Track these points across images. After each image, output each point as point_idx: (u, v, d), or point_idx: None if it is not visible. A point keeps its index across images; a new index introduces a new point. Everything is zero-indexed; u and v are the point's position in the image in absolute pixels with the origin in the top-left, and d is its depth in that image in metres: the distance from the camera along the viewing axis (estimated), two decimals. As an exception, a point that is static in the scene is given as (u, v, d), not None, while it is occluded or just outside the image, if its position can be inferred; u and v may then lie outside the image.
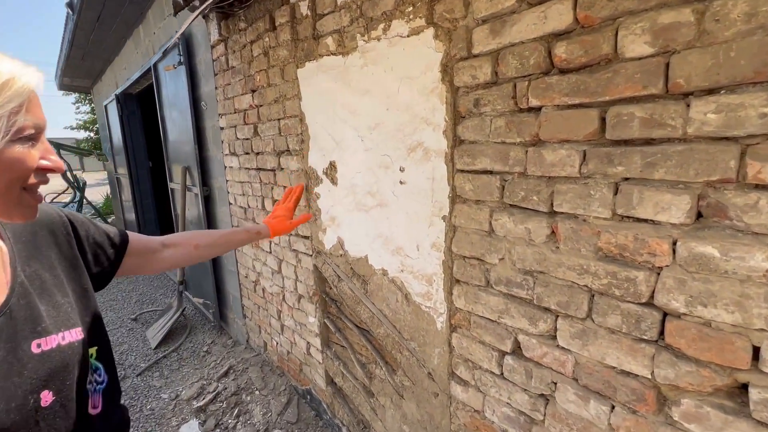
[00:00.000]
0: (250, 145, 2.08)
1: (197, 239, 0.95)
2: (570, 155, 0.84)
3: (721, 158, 0.65)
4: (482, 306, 1.08)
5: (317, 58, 1.49)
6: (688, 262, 0.70)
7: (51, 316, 0.59)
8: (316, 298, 1.81)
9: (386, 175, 1.31)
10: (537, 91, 0.87)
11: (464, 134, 1.05)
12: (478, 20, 0.97)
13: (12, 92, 0.48)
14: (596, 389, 0.87)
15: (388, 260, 1.38)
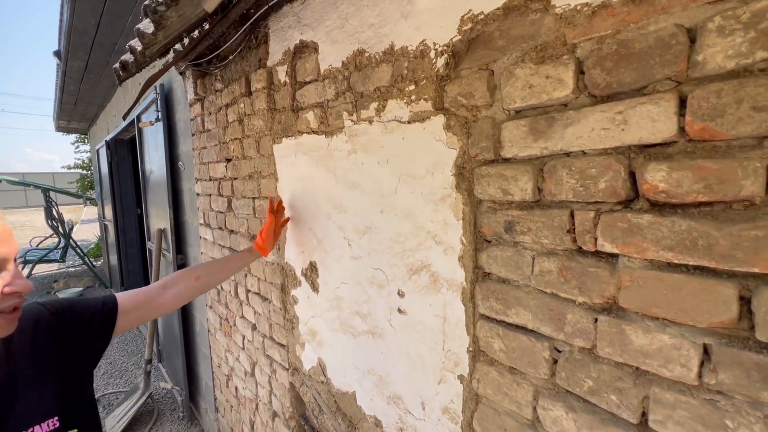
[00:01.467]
0: (224, 220, 1.77)
1: (197, 271, 1.03)
2: (680, 347, 0.50)
3: None
4: None
5: (296, 135, 1.20)
6: None
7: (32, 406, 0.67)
8: (294, 423, 1.43)
9: (380, 296, 0.98)
10: (611, 231, 0.55)
11: (491, 267, 0.72)
12: (510, 111, 0.67)
13: None
14: None
15: (382, 408, 1.02)
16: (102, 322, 0.83)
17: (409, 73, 0.83)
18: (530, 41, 0.63)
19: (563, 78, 0.59)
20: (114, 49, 3.05)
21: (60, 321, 0.77)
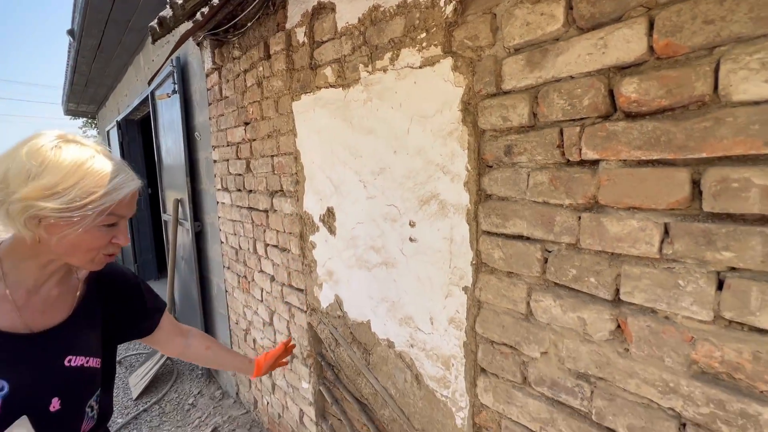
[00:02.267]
0: (243, 181, 1.88)
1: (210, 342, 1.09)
2: (645, 228, 0.61)
3: None
4: (517, 409, 0.83)
5: (314, 91, 1.31)
6: None
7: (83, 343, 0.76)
8: (311, 360, 1.56)
9: (393, 229, 1.09)
10: (594, 140, 0.66)
11: (492, 188, 0.83)
12: (510, 49, 0.77)
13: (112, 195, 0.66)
14: None
15: (394, 330, 1.14)
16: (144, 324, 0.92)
17: (420, 22, 0.94)
18: (528, -17, 0.73)
19: (555, 13, 0.69)
20: (127, 27, 3.14)
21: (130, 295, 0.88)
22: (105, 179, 0.66)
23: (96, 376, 0.78)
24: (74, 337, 0.75)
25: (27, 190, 0.61)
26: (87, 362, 0.75)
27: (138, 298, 0.90)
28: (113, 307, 0.85)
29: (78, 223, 0.64)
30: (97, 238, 0.68)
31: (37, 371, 0.69)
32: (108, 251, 0.71)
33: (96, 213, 0.65)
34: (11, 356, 0.67)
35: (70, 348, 0.73)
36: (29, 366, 0.68)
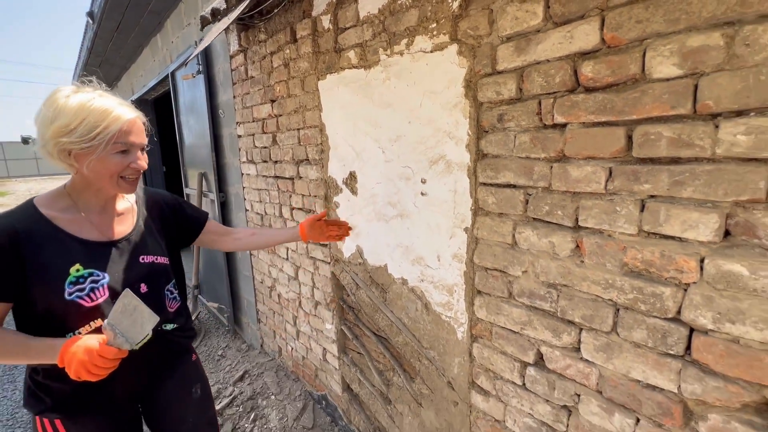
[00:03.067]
0: (269, 153, 2.12)
1: (254, 230, 1.38)
2: (595, 172, 0.85)
3: (751, 179, 0.66)
4: (504, 317, 1.10)
5: (339, 71, 1.53)
6: (716, 279, 0.71)
7: (151, 246, 1.03)
8: (334, 305, 1.84)
9: (407, 186, 1.34)
10: (562, 108, 0.89)
11: (487, 148, 1.07)
12: (503, 38, 0.99)
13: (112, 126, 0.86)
14: (621, 402, 0.88)
15: (408, 270, 1.41)
16: (192, 228, 1.21)
17: (432, 14, 1.15)
18: (516, -13, 0.94)
19: (536, 11, 0.91)
20: (147, 9, 3.29)
21: (174, 208, 1.16)
22: (105, 114, 0.85)
23: (166, 269, 1.05)
24: (141, 242, 1.01)
25: (50, 132, 0.83)
26: (156, 260, 1.02)
27: (180, 211, 1.17)
28: (165, 221, 1.11)
29: (94, 152, 0.86)
30: (114, 164, 0.88)
31: (122, 266, 0.95)
32: (126, 174, 0.91)
33: (104, 142, 0.85)
34: (102, 257, 0.93)
35: (140, 250, 1.00)
36: (116, 263, 0.94)
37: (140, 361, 0.95)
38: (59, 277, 0.86)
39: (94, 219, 0.96)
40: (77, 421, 0.94)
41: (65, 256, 0.89)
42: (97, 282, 0.90)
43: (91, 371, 0.78)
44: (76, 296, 0.87)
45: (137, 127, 0.92)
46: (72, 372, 0.78)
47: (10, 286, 0.83)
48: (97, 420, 0.96)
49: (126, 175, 0.92)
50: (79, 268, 0.89)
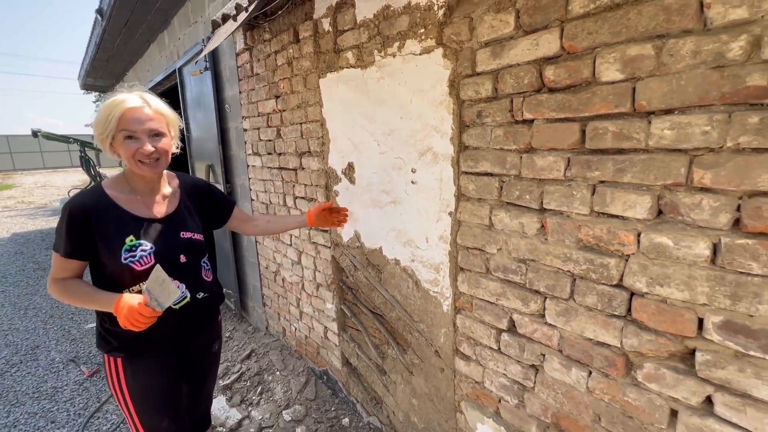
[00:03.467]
0: (273, 146, 2.26)
1: (268, 218, 1.57)
2: (557, 161, 1.00)
3: (674, 166, 0.80)
4: (483, 290, 1.24)
5: (338, 70, 1.66)
6: (649, 250, 0.85)
7: (190, 224, 1.22)
8: (334, 286, 1.99)
9: (399, 175, 1.48)
10: (530, 106, 1.03)
11: (468, 141, 1.21)
12: (481, 43, 1.13)
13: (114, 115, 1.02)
14: (577, 358, 1.03)
15: (400, 251, 1.55)
16: (222, 212, 1.41)
17: (420, 21, 1.28)
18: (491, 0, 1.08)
19: (509, 21, 1.05)
20: (155, 7, 3.42)
21: (208, 194, 1.36)
22: (111, 105, 1.02)
23: (202, 245, 1.25)
24: (182, 220, 1.21)
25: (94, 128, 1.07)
26: (193, 236, 1.22)
27: (213, 197, 1.38)
28: (201, 205, 1.31)
29: (113, 141, 1.05)
30: (125, 149, 1.04)
31: (167, 239, 1.14)
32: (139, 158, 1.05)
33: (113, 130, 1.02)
34: (151, 231, 1.13)
35: (181, 227, 1.19)
36: (162, 237, 1.13)
37: (181, 318, 1.18)
38: (117, 246, 1.06)
39: (146, 200, 1.16)
40: (134, 360, 1.16)
41: (122, 229, 1.08)
42: (146, 251, 1.10)
43: (132, 324, 0.97)
44: (129, 261, 1.07)
45: (140, 115, 1.03)
46: (120, 322, 0.99)
47: (84, 248, 1.07)
48: (147, 360, 1.17)
49: (139, 158, 1.06)
50: (132, 239, 1.09)
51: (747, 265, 0.73)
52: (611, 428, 0.99)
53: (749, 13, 0.69)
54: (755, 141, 0.70)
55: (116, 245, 1.06)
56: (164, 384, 1.20)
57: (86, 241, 1.05)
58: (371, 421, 1.95)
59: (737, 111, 0.72)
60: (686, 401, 0.84)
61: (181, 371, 1.27)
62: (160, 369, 1.19)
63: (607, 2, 0.86)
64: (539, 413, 1.15)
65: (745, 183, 0.72)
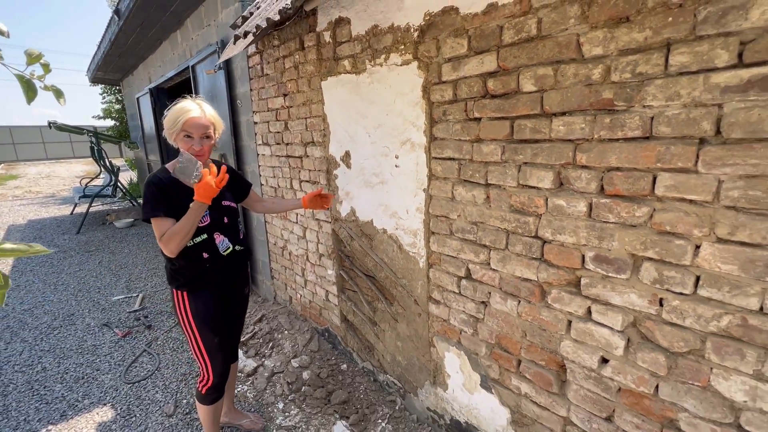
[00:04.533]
0: (281, 137, 2.63)
1: (274, 199, 2.03)
2: (496, 148, 1.37)
3: (566, 151, 1.18)
4: (447, 248, 1.63)
5: (337, 75, 2.03)
6: (552, 210, 1.24)
7: (228, 196, 1.65)
8: (334, 255, 2.38)
9: (386, 161, 1.86)
10: (478, 108, 1.40)
11: (437, 133, 1.58)
12: (445, 59, 1.49)
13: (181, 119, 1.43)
14: (511, 292, 1.42)
15: (387, 222, 1.94)
16: (243, 190, 1.83)
17: (401, 39, 1.65)
18: (452, 27, 1.44)
19: (463, 44, 1.41)
20: (170, 10, 3.74)
21: (235, 175, 1.78)
22: (179, 112, 1.43)
23: (237, 211, 1.70)
24: (222, 193, 1.62)
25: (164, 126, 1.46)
26: (231, 204, 1.66)
27: (238, 178, 1.81)
28: (232, 182, 1.73)
29: (177, 137, 1.44)
30: (184, 144, 1.45)
31: (215, 206, 1.57)
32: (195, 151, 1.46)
33: (177, 131, 1.43)
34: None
35: (223, 197, 1.63)
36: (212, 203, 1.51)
37: (226, 264, 1.61)
38: (183, 210, 1.44)
39: None
40: (194, 293, 1.57)
41: (187, 197, 1.46)
42: (205, 213, 1.51)
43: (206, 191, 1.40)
44: None
45: (197, 121, 1.45)
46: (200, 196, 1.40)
47: (169, 209, 1.43)
48: (203, 293, 1.58)
49: (195, 149, 1.47)
50: None
51: (606, 216, 1.11)
52: (533, 340, 1.38)
53: (603, 51, 1.06)
54: (608, 134, 1.08)
55: (184, 209, 1.43)
56: (215, 311, 1.60)
57: (168, 204, 1.43)
58: (365, 365, 2.35)
59: (599, 114, 1.09)
60: (576, 313, 1.23)
61: (224, 305, 1.67)
62: (212, 300, 1.60)
63: (525, 36, 1.22)
64: (487, 337, 1.55)
65: (604, 162, 1.10)
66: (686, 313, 1.00)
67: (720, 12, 0.86)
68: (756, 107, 0.83)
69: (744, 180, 0.87)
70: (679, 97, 0.94)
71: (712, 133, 0.90)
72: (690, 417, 1.03)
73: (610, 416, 1.21)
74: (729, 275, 0.91)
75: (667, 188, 0.98)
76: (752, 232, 0.87)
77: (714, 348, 0.96)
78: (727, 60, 0.86)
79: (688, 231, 0.96)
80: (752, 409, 0.92)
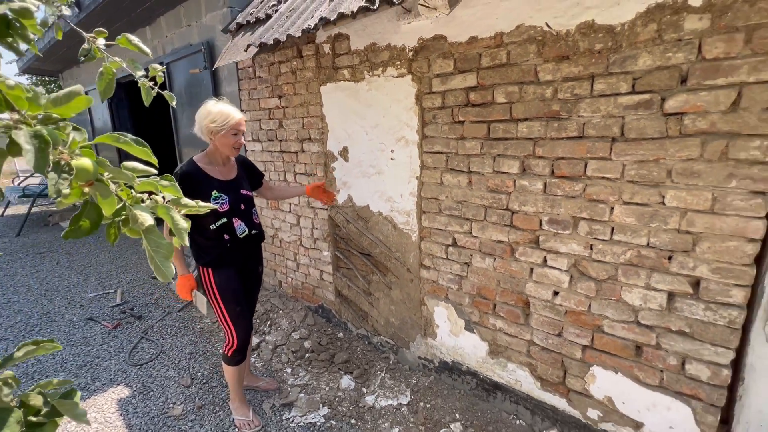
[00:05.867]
0: (275, 134, 2.90)
1: (280, 186, 2.57)
2: (476, 144, 1.83)
3: (528, 146, 1.66)
4: (437, 223, 2.07)
5: (336, 82, 2.37)
6: (519, 189, 1.72)
7: (245, 185, 1.95)
8: (329, 238, 2.72)
9: (382, 155, 2.25)
10: (462, 113, 1.85)
11: (428, 132, 2.01)
12: (435, 74, 1.92)
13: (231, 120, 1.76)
14: (488, 252, 1.89)
15: (382, 206, 2.33)
16: (257, 180, 2.11)
17: (397, 56, 2.05)
18: (441, 50, 1.87)
19: (450, 65, 1.85)
20: (143, 6, 3.76)
21: (249, 167, 2.04)
22: (227, 113, 1.73)
23: (252, 199, 1.96)
24: (240, 182, 1.90)
25: (207, 121, 1.72)
26: (248, 193, 1.93)
27: (253, 170, 2.09)
28: (247, 173, 2.01)
29: (222, 133, 1.72)
30: (230, 140, 1.75)
31: (234, 194, 1.84)
32: (236, 146, 1.78)
33: (228, 127, 1.72)
34: (225, 188, 1.82)
35: (240, 186, 1.89)
36: (231, 192, 1.83)
37: (244, 246, 1.87)
38: (208, 196, 1.72)
39: (221, 169, 1.80)
40: (218, 269, 1.82)
41: (209, 186, 1.73)
42: (225, 200, 1.77)
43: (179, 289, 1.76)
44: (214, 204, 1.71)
45: (242, 122, 1.80)
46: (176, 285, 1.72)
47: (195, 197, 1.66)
48: (226, 269, 1.84)
49: (235, 146, 1.77)
50: (215, 193, 1.74)
51: (556, 191, 1.61)
52: (505, 286, 1.86)
53: (552, 77, 1.55)
54: (556, 134, 1.57)
55: (208, 196, 1.73)
56: (236, 284, 1.88)
57: (194, 192, 1.69)
58: (359, 332, 2.72)
59: (550, 120, 1.58)
60: (536, 262, 1.73)
61: (242, 281, 1.94)
62: (234, 275, 1.87)
63: (498, 62, 1.69)
64: (470, 290, 2.01)
65: (553, 153, 1.59)
66: (606, 252, 1.52)
67: (622, 58, 1.37)
68: (642, 119, 1.36)
69: (637, 164, 1.40)
70: (599, 111, 1.45)
71: (619, 134, 1.42)
72: (610, 321, 1.56)
73: (560, 332, 1.72)
74: (630, 225, 1.45)
75: (593, 170, 1.50)
76: (642, 197, 1.40)
77: (623, 273, 1.49)
78: (627, 89, 1.38)
79: (606, 198, 1.48)
80: (644, 309, 1.47)
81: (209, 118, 1.70)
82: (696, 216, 1.31)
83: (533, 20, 1.55)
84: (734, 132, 1.20)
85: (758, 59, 1.14)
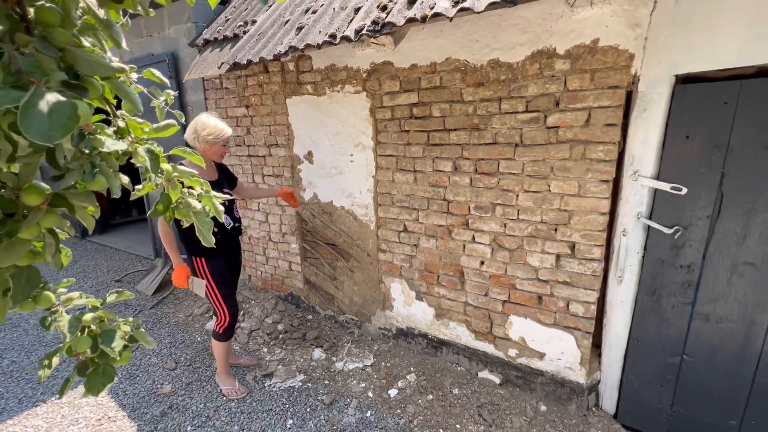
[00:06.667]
0: (243, 140, 3.19)
1: (254, 188, 2.61)
2: (419, 149, 2.30)
3: (458, 150, 2.15)
4: (390, 213, 2.51)
5: (300, 95, 2.74)
6: (452, 183, 2.21)
7: (226, 185, 2.31)
8: (297, 232, 3.07)
9: (343, 158, 2.65)
10: (407, 124, 2.31)
11: (381, 139, 2.45)
12: (385, 92, 2.37)
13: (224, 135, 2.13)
14: (432, 234, 2.37)
15: (344, 201, 2.73)
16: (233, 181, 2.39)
17: (353, 76, 2.47)
18: (389, 73, 2.32)
19: (397, 85, 2.31)
20: (99, 15, 3.84)
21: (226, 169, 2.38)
22: (221, 128, 2.09)
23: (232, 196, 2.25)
24: (222, 182, 2.25)
25: (204, 133, 2.06)
26: (229, 191, 2.26)
27: (229, 172, 2.39)
28: (224, 175, 2.31)
29: (214, 143, 2.08)
30: (219, 149, 2.11)
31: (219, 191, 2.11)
32: (221, 154, 2.14)
33: (219, 141, 2.09)
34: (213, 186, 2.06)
35: (223, 185, 2.25)
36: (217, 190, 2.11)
37: (229, 237, 2.19)
38: None
39: (206, 171, 2.10)
40: (208, 258, 2.12)
41: None
42: None
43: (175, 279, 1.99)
44: None
45: (229, 136, 2.13)
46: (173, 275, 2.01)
47: None
48: (215, 258, 2.15)
49: (221, 154, 2.12)
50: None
51: (479, 184, 2.12)
52: (445, 261, 2.35)
53: (473, 98, 2.06)
54: (477, 141, 2.08)
55: None
56: (225, 270, 2.19)
57: None
58: (327, 313, 3.10)
59: (473, 131, 2.09)
60: (467, 240, 2.23)
61: (228, 267, 2.26)
62: (223, 263, 2.18)
63: (433, 85, 2.17)
64: (418, 266, 2.47)
65: (476, 156, 2.10)
66: (515, 229, 2.05)
67: (519, 86, 1.90)
68: (533, 130, 1.90)
69: (532, 162, 1.93)
70: (506, 124, 1.98)
71: (520, 141, 1.95)
72: (520, 280, 2.10)
73: (486, 292, 2.23)
74: (529, 207, 1.98)
75: (504, 168, 2.02)
76: (536, 186, 1.94)
77: (527, 243, 2.03)
78: (522, 108, 1.91)
79: (513, 188, 2.01)
80: (541, 268, 2.01)
81: (207, 130, 2.01)
82: (570, 198, 1.87)
83: (458, 55, 2.05)
84: (588, 140, 1.77)
85: (599, 91, 1.70)
